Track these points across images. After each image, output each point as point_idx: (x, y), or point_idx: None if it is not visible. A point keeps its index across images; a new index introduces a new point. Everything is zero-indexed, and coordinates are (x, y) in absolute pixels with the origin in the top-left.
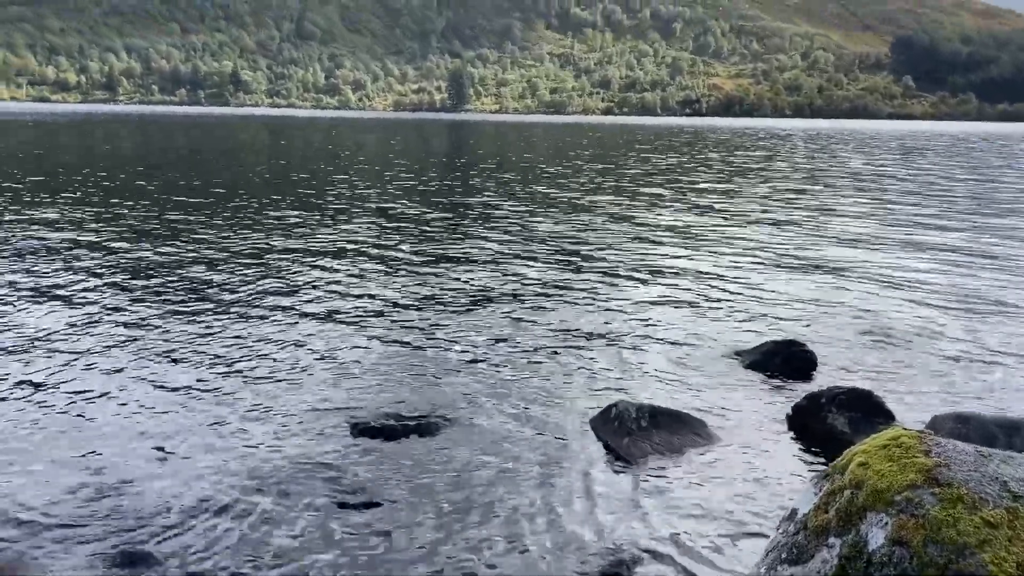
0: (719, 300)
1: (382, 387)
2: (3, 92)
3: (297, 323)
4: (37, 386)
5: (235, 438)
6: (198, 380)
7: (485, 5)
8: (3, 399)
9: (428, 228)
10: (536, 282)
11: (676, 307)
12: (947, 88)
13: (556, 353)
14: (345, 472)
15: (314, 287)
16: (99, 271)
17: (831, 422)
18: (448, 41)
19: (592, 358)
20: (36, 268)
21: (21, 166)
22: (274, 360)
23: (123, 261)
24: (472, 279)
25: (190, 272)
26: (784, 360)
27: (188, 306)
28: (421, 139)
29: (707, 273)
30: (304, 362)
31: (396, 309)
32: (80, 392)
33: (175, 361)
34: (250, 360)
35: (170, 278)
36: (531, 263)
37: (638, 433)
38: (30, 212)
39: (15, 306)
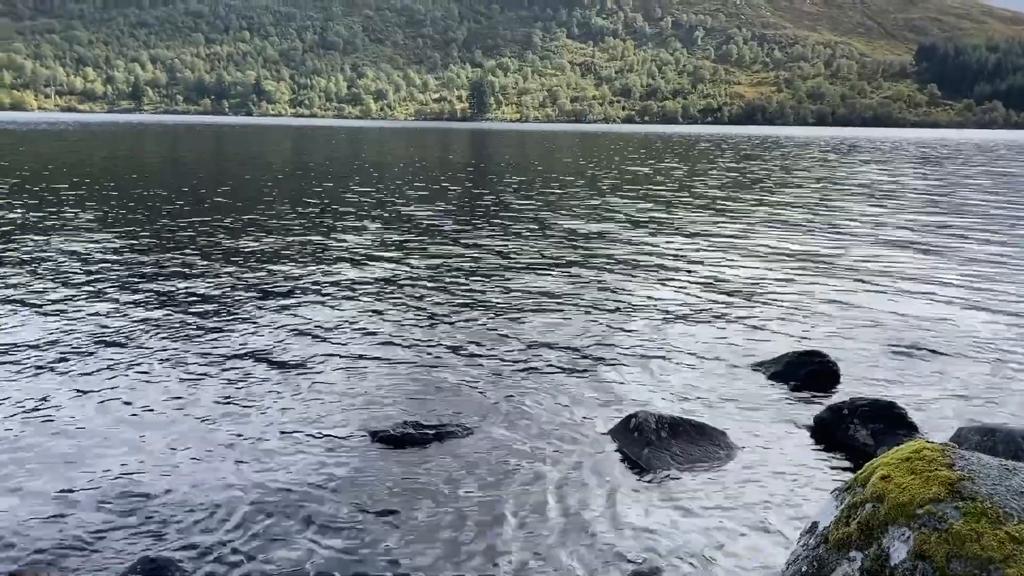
0: (740, 310)
1: (401, 396)
2: (32, 102)
3: (315, 332)
4: (58, 394)
5: (254, 446)
6: (216, 388)
7: (506, 15)
8: (20, 406)
9: (446, 237)
10: (556, 292)
11: (697, 316)
12: (973, 96)
13: (575, 362)
14: (364, 480)
15: (333, 295)
16: (118, 278)
17: (853, 434)
18: (469, 51)
19: (612, 368)
20: (51, 274)
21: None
22: (293, 368)
23: (142, 269)
24: (491, 288)
25: (208, 280)
26: (806, 371)
27: (205, 314)
28: (442, 147)
29: (728, 282)
30: (323, 370)
31: (415, 318)
32: (99, 401)
33: (193, 369)
34: (268, 368)
35: (188, 286)
36: (550, 273)
37: (658, 443)
38: (63, 217)
39: (29, 312)
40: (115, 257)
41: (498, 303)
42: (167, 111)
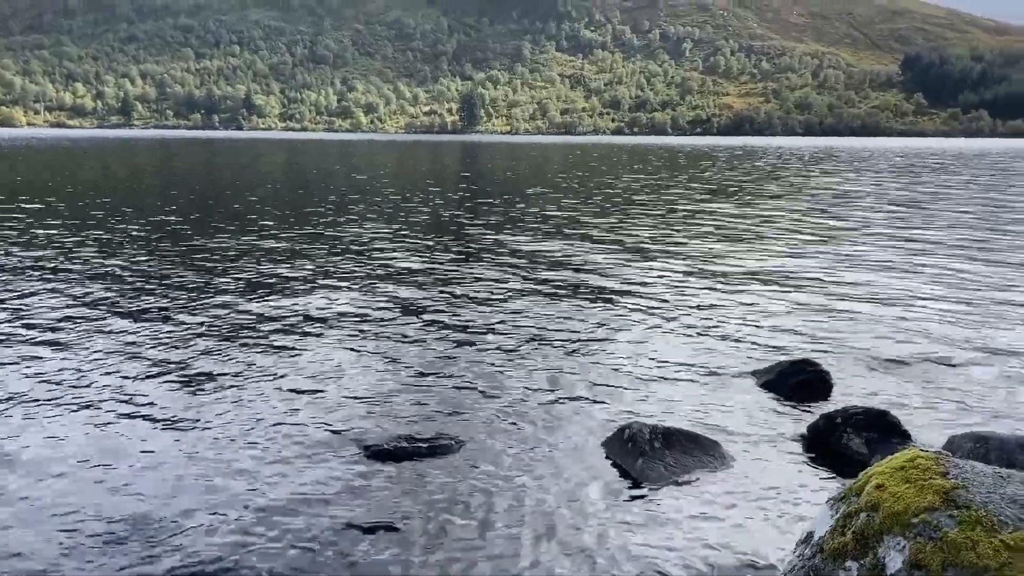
0: (732, 320)
1: (394, 409)
2: (21, 118)
3: (307, 346)
4: (52, 408)
5: (247, 461)
6: (206, 403)
7: (495, 28)
8: (18, 419)
9: (437, 251)
10: (547, 303)
11: (689, 327)
12: (959, 105)
13: (568, 374)
14: (358, 495)
15: (324, 309)
16: (108, 292)
17: (847, 442)
18: (459, 63)
19: (605, 379)
20: (47, 287)
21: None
22: (285, 383)
23: (130, 283)
24: (483, 301)
25: (196, 294)
26: (799, 380)
27: (193, 328)
28: (434, 160)
29: (720, 292)
30: (316, 385)
31: (406, 331)
32: (86, 416)
33: (182, 384)
34: (261, 383)
35: (177, 301)
36: (541, 285)
37: (651, 454)
38: (61, 231)
39: (13, 323)
40: (105, 271)
41: (489, 315)
42: (157, 126)
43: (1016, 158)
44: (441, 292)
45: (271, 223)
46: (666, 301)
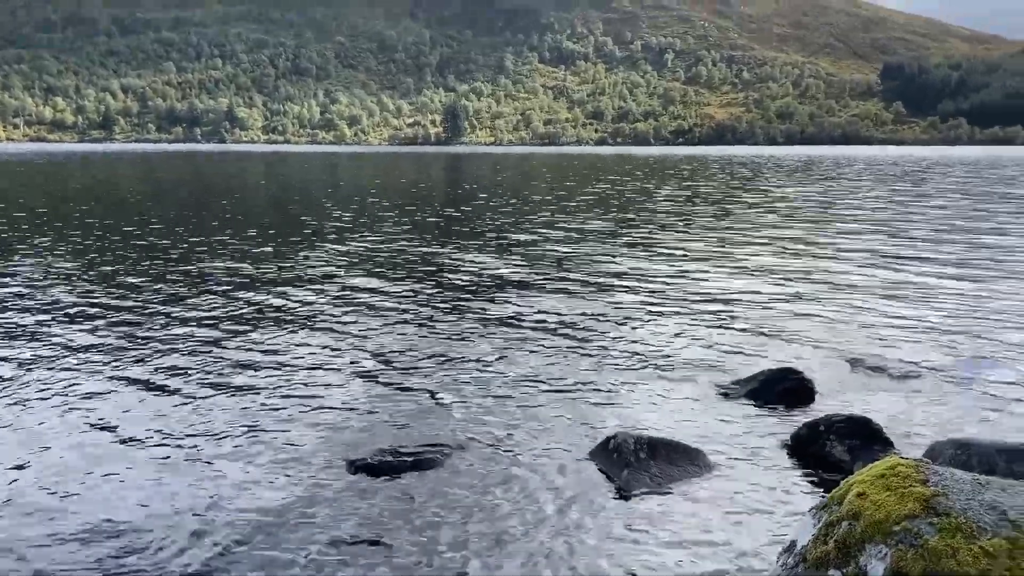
0: (714, 328)
1: (379, 423)
2: (0, 132)
3: (290, 359)
4: (33, 421)
5: (231, 478)
6: (191, 417)
7: (478, 40)
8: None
9: (420, 262)
10: (529, 314)
11: (670, 336)
12: (938, 113)
13: (551, 385)
14: (344, 510)
15: (305, 322)
16: (93, 307)
17: (830, 450)
18: (442, 75)
19: (589, 388)
20: (37, 301)
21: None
22: (268, 398)
23: (119, 294)
24: (464, 311)
25: (179, 309)
26: (781, 388)
27: (175, 342)
28: (418, 172)
29: (700, 301)
30: (299, 400)
31: (388, 342)
32: (70, 430)
33: (164, 399)
34: (244, 398)
35: (160, 315)
36: (524, 295)
37: (637, 464)
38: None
39: (11, 336)
40: (89, 287)
41: (472, 327)
42: (139, 139)
43: (992, 167)
44: (423, 304)
45: (253, 236)
46: (647, 310)
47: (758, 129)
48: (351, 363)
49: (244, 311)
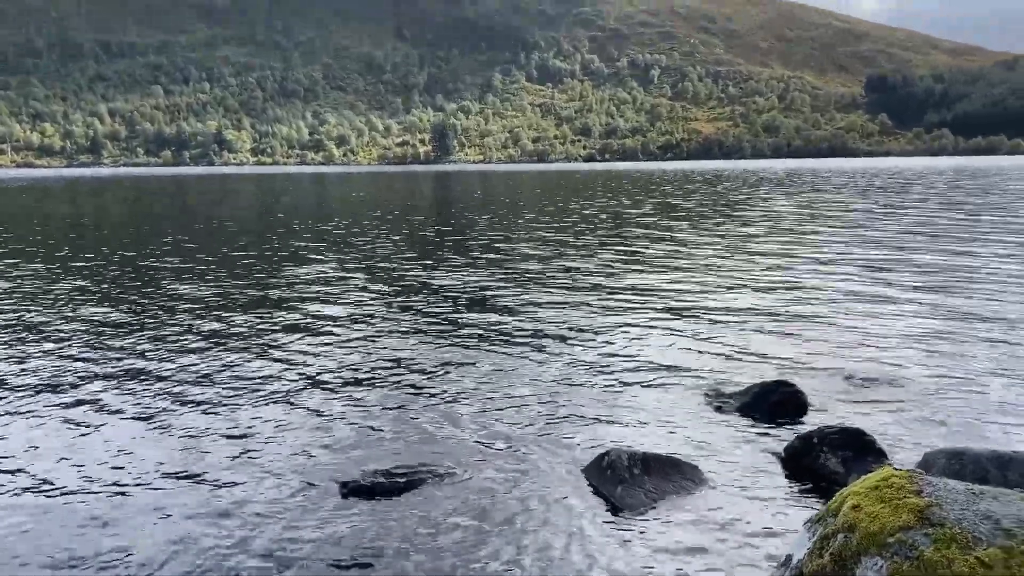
0: (706, 342)
1: (370, 444)
2: None
3: (281, 382)
4: (28, 438)
5: (223, 501)
6: (183, 440)
7: (466, 59)
8: None
9: (410, 280)
10: (520, 330)
11: (663, 351)
12: (922, 124)
13: (544, 401)
14: (336, 532)
15: (296, 341)
16: (82, 326)
17: (824, 462)
18: (431, 95)
19: (581, 405)
20: (21, 323)
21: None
22: (260, 420)
23: (110, 316)
24: (456, 329)
25: (168, 328)
26: (774, 401)
27: (164, 362)
28: (407, 191)
29: (692, 315)
30: (290, 421)
31: (378, 362)
32: (61, 453)
33: (154, 421)
34: (236, 420)
35: (150, 336)
36: (515, 312)
37: (631, 481)
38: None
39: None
40: (79, 308)
41: (464, 344)
42: (127, 164)
43: (976, 175)
44: (413, 323)
45: (241, 257)
46: (639, 326)
47: (745, 143)
48: (340, 384)
49: (232, 331)
